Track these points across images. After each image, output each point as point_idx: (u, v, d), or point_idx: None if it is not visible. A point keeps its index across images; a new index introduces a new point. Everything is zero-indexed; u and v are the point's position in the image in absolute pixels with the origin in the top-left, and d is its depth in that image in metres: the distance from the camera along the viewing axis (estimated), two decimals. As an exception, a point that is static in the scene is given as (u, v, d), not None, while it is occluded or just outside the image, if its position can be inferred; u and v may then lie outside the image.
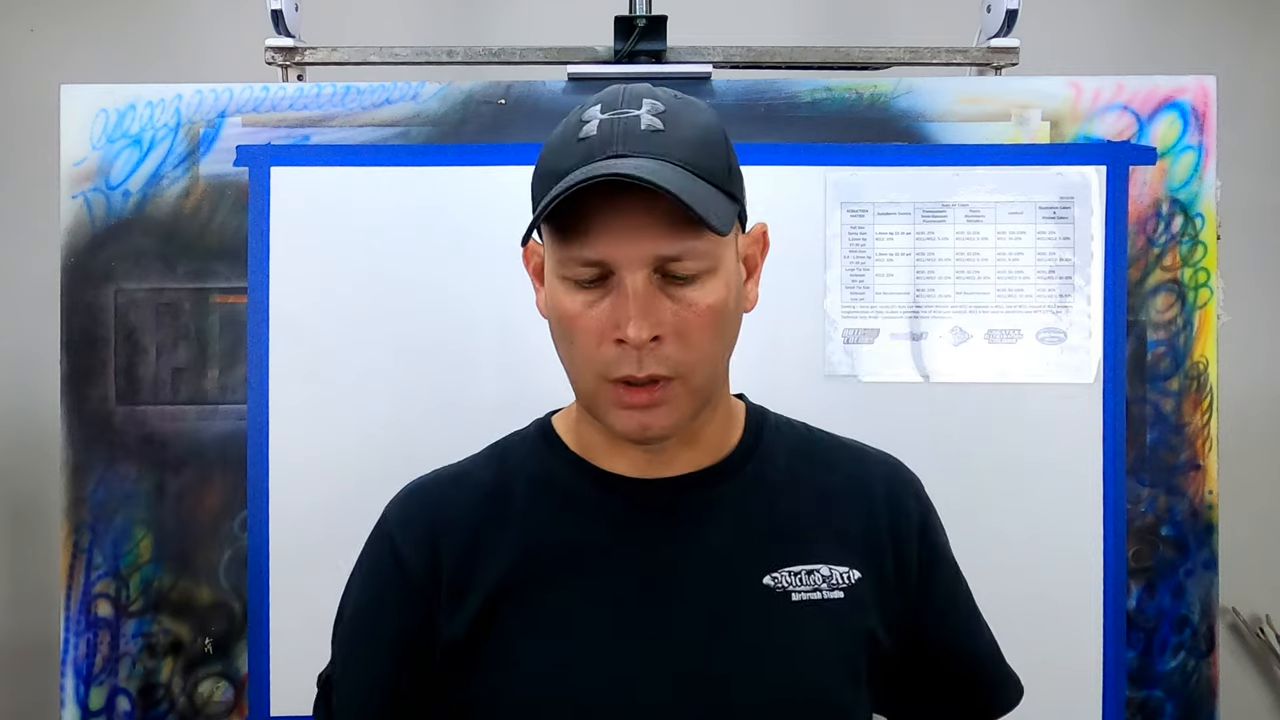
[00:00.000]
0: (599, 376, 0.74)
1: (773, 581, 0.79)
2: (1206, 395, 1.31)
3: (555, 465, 0.84)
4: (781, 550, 0.80)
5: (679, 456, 0.81)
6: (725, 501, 0.81)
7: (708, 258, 0.74)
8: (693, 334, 0.74)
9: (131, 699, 1.31)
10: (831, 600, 0.79)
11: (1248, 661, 1.88)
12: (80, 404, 1.32)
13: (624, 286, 0.72)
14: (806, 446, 0.87)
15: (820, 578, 0.80)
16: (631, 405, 0.74)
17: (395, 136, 1.33)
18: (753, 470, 0.83)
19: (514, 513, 0.82)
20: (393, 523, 0.84)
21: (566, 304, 0.75)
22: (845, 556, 0.81)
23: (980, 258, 1.32)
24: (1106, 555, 1.29)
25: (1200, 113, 1.32)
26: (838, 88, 1.34)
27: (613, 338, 0.73)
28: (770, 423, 0.88)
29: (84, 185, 1.33)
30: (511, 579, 0.79)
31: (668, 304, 0.73)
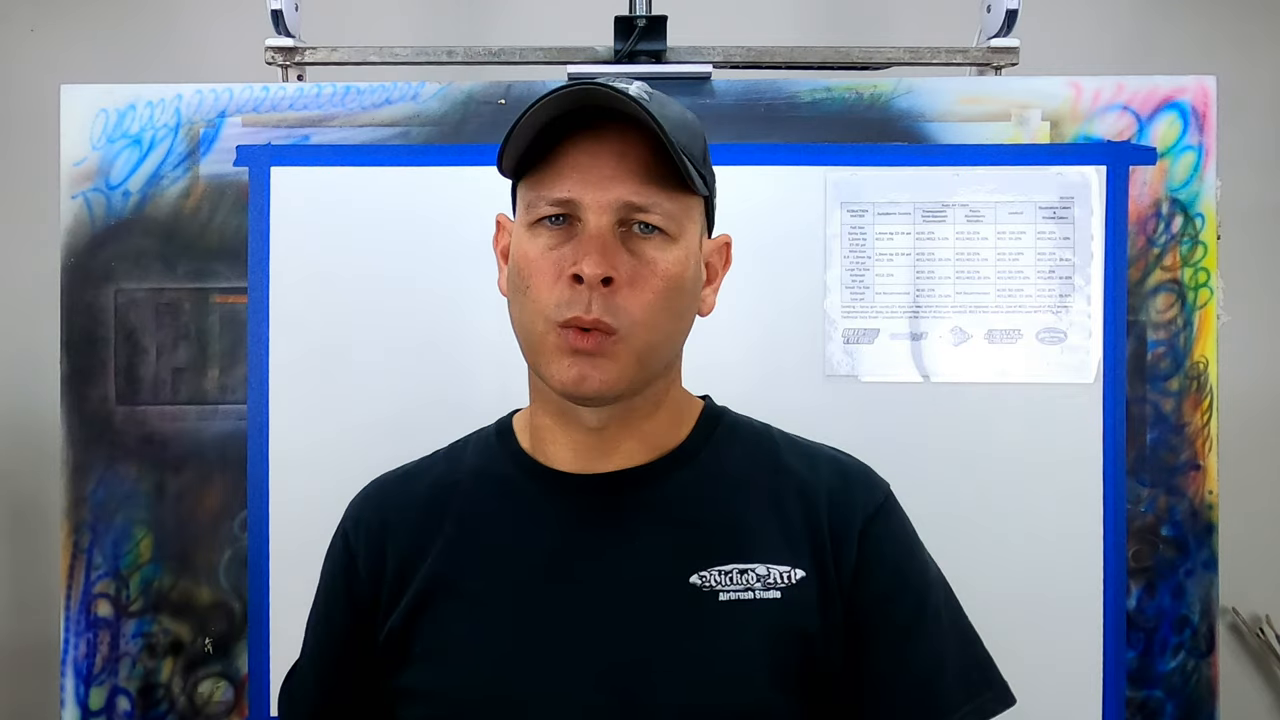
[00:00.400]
0: (548, 320, 0.75)
1: (699, 580, 0.78)
2: (1206, 395, 1.31)
3: (501, 461, 0.86)
4: (715, 550, 0.79)
5: (618, 451, 0.81)
6: (660, 499, 0.81)
7: (673, 221, 0.77)
8: (645, 291, 0.75)
9: (131, 699, 1.31)
10: (765, 600, 0.78)
11: (1248, 661, 1.88)
12: (80, 404, 1.32)
13: (588, 228, 0.75)
14: (761, 448, 0.86)
15: (755, 577, 0.79)
16: (575, 349, 0.74)
17: (395, 136, 1.33)
18: (695, 468, 0.83)
19: (455, 508, 0.84)
20: (348, 516, 0.88)
21: (528, 249, 0.77)
22: (789, 555, 0.80)
23: (980, 258, 1.32)
24: (1106, 555, 1.29)
25: (1200, 113, 1.32)
26: (838, 88, 1.34)
27: (569, 274, 0.74)
28: (726, 422, 0.87)
29: (84, 185, 1.33)
30: (444, 573, 0.81)
31: (626, 256, 0.75)
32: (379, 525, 0.85)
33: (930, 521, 1.33)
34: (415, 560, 0.82)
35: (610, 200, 0.75)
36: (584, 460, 0.82)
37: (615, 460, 0.82)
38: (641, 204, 0.75)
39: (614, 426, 0.81)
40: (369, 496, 0.89)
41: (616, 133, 0.76)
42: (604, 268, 0.73)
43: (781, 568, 0.79)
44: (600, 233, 0.74)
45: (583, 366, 0.74)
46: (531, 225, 0.77)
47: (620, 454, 0.82)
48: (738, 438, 0.86)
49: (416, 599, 0.81)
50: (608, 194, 0.75)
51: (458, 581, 0.80)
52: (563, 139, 0.76)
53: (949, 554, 1.31)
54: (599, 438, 0.81)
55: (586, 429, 0.81)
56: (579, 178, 0.75)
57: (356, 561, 0.85)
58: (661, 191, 0.76)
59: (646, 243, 0.76)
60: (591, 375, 0.75)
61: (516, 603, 0.79)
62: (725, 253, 0.87)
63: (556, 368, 0.75)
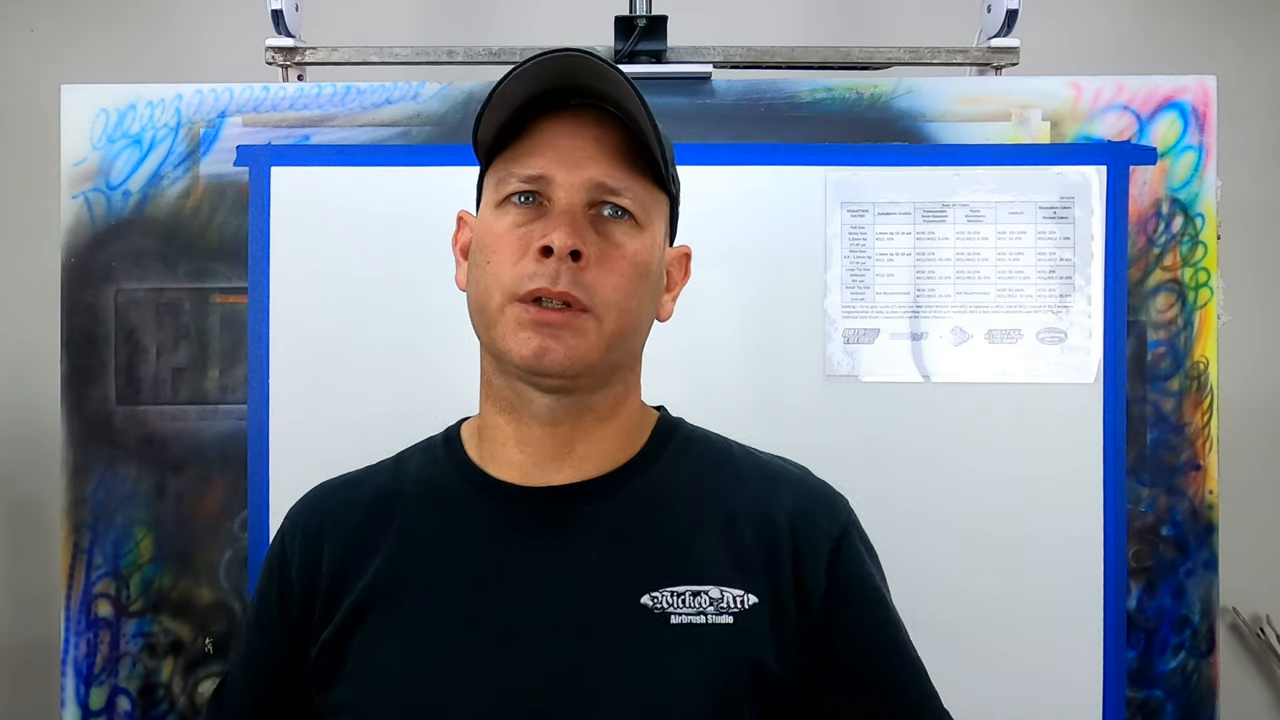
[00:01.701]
0: (509, 294, 0.73)
1: (651, 601, 0.74)
2: (1206, 395, 1.31)
3: (445, 470, 0.82)
4: (667, 569, 0.75)
5: (570, 457, 0.78)
6: (611, 514, 0.77)
7: (643, 209, 0.76)
8: (613, 273, 0.74)
9: (132, 699, 1.31)
10: (717, 625, 0.74)
11: (1248, 661, 1.88)
12: (80, 404, 1.32)
13: (558, 204, 0.74)
14: (718, 462, 0.83)
15: (708, 599, 0.75)
16: (539, 323, 0.72)
17: (395, 136, 1.33)
18: (645, 484, 0.79)
19: (395, 518, 0.80)
20: (287, 523, 0.85)
21: (494, 225, 0.76)
22: (741, 580, 0.76)
23: (980, 258, 1.32)
24: (1106, 555, 1.29)
25: (1200, 112, 1.32)
26: (838, 88, 1.34)
27: (536, 248, 0.72)
28: (680, 436, 0.84)
29: (84, 185, 1.33)
30: (379, 585, 0.77)
31: (595, 236, 0.74)
32: (315, 533, 0.82)
33: (930, 521, 1.33)
34: (351, 572, 0.78)
35: (584, 179, 0.74)
36: (533, 467, 0.79)
37: (566, 470, 0.78)
38: (614, 186, 0.75)
39: (568, 424, 0.78)
40: (309, 503, 0.86)
41: (593, 115, 0.75)
42: (574, 240, 0.72)
43: (734, 591, 0.75)
44: (571, 209, 0.74)
45: (544, 338, 0.72)
46: (500, 203, 0.76)
47: (572, 460, 0.78)
48: (692, 452, 0.83)
49: (351, 613, 0.77)
50: (582, 173, 0.74)
51: (394, 596, 0.76)
52: (537, 118, 0.76)
53: (949, 554, 1.31)
54: (551, 437, 0.78)
55: (540, 424, 0.77)
56: (554, 156, 0.74)
57: (290, 568, 0.81)
58: (634, 178, 0.76)
59: (615, 226, 0.75)
60: (554, 347, 0.72)
61: (454, 621, 0.75)
62: (685, 264, 0.85)
63: (514, 341, 0.73)
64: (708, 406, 0.93)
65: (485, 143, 0.78)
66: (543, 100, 0.75)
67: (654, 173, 0.77)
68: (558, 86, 0.75)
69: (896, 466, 1.29)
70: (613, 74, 0.73)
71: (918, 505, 1.29)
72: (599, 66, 0.73)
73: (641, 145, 0.76)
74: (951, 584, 0.93)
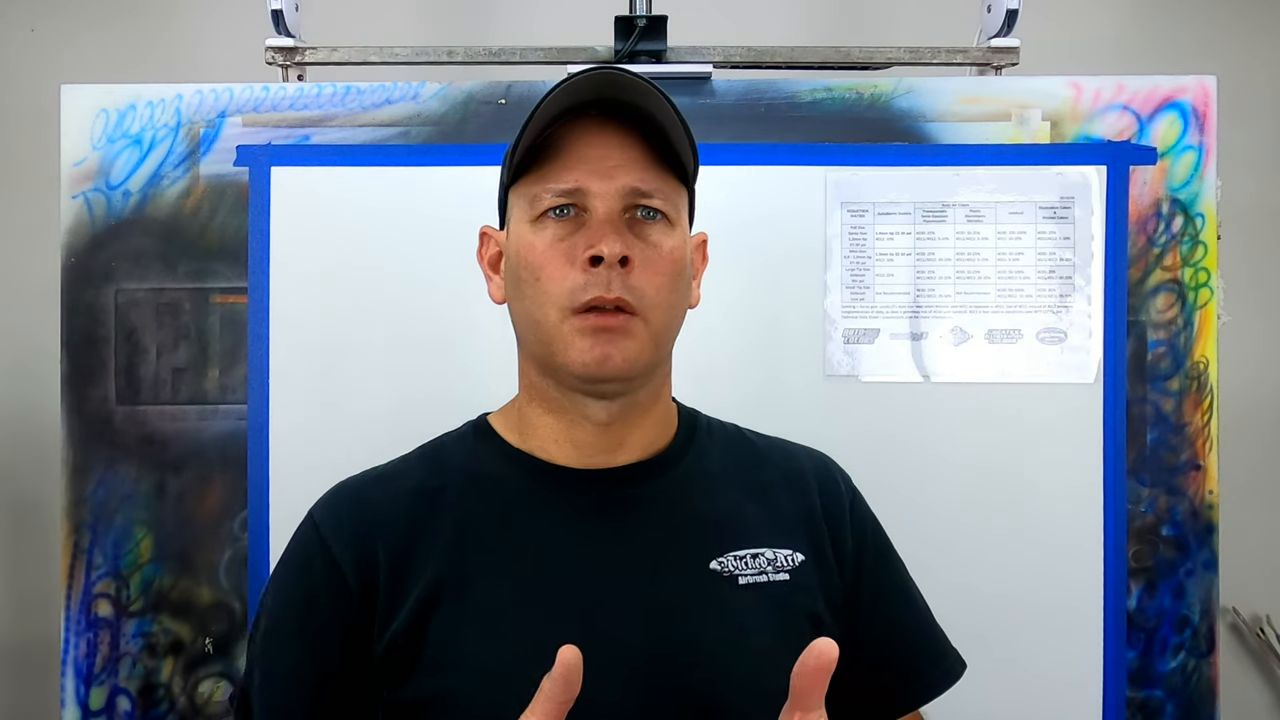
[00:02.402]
0: (563, 309, 0.76)
1: (719, 566, 0.80)
2: (1207, 395, 1.31)
3: (492, 461, 0.84)
4: (724, 537, 0.81)
5: (618, 448, 0.82)
6: (664, 494, 0.82)
7: (672, 205, 0.79)
8: (657, 273, 0.77)
9: (132, 699, 1.31)
10: (777, 583, 0.80)
11: (1248, 661, 1.88)
12: (80, 404, 1.32)
13: (597, 214, 0.77)
14: (738, 445, 0.89)
15: (765, 561, 0.81)
16: (597, 329, 0.75)
17: (395, 136, 1.33)
18: (689, 464, 0.85)
19: (449, 511, 0.81)
20: (321, 522, 0.81)
21: (534, 241, 0.78)
22: (786, 541, 0.83)
23: (980, 258, 1.32)
24: (1106, 555, 1.29)
25: (1200, 112, 1.32)
26: (838, 88, 1.34)
27: (585, 258, 0.75)
28: (702, 422, 0.90)
29: (84, 185, 1.33)
30: (448, 576, 0.78)
31: (635, 240, 0.77)
32: (366, 531, 0.80)
33: (930, 521, 1.33)
34: (411, 566, 0.78)
35: (618, 187, 0.77)
36: (586, 458, 0.82)
37: (618, 457, 0.82)
38: (647, 189, 0.77)
39: (619, 423, 0.81)
40: (339, 499, 0.84)
41: (615, 123, 0.78)
42: (621, 247, 0.75)
43: (784, 551, 0.82)
44: (610, 216, 0.76)
45: (604, 346, 0.75)
46: (535, 220, 0.78)
47: (623, 451, 0.82)
48: (715, 436, 0.89)
49: (419, 606, 0.77)
50: (615, 181, 0.77)
51: (462, 585, 0.77)
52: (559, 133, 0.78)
53: (949, 553, 1.31)
54: (605, 434, 0.81)
55: (594, 425, 0.81)
56: (585, 168, 0.77)
57: (342, 570, 0.79)
58: (663, 178, 0.79)
59: (651, 227, 0.78)
60: (614, 354, 0.75)
61: (533, 600, 0.77)
62: (703, 250, 0.89)
63: (576, 351, 0.76)
64: (708, 406, 0.93)
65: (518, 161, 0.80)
66: (564, 116, 0.78)
67: (677, 169, 0.80)
68: (580, 101, 0.77)
69: (896, 466, 1.29)
70: (632, 80, 0.76)
71: (917, 505, 1.29)
72: (620, 76, 0.76)
73: (664, 145, 0.78)
74: (951, 584, 0.93)
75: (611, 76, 0.76)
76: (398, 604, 0.78)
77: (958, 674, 0.89)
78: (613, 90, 0.77)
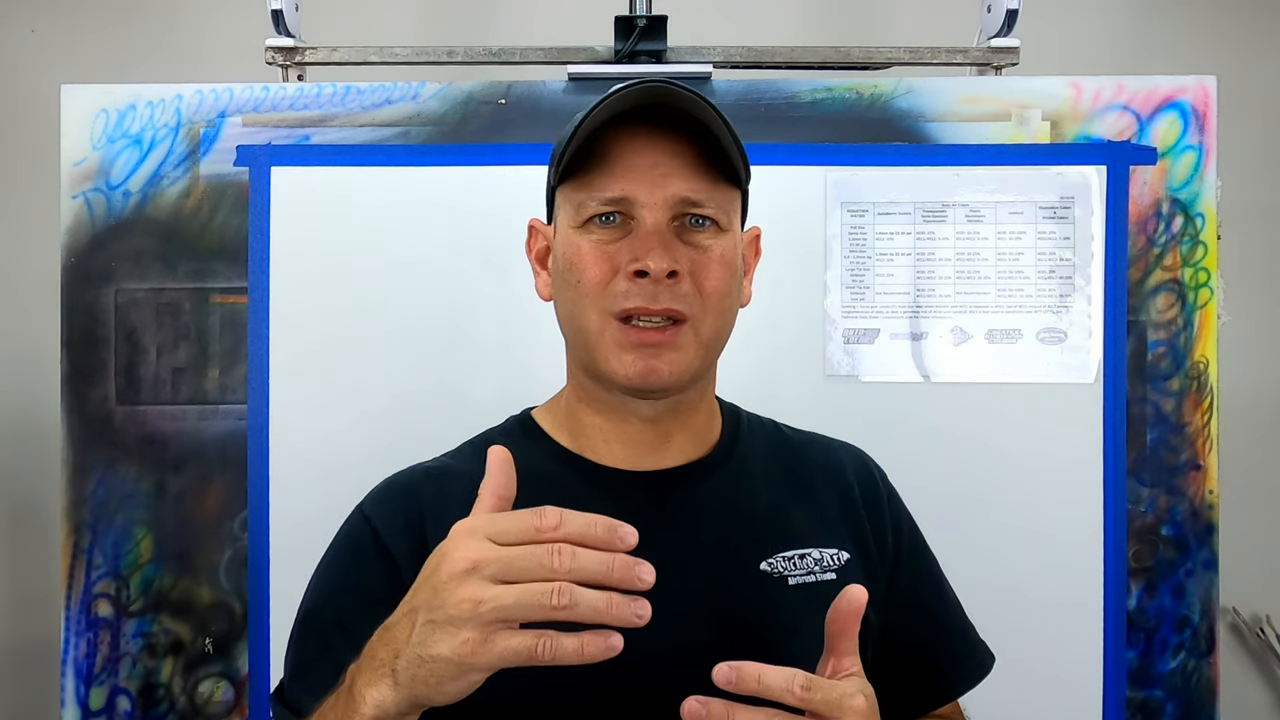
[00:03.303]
0: (606, 313, 0.76)
1: (769, 567, 0.80)
2: (1206, 395, 1.31)
3: (541, 459, 0.83)
4: (772, 537, 0.81)
5: (668, 448, 0.82)
6: (714, 493, 0.82)
7: (722, 211, 0.78)
8: (707, 279, 0.77)
9: (132, 699, 1.31)
10: (825, 582, 0.80)
11: (1248, 661, 1.88)
12: (80, 404, 1.32)
13: (644, 224, 0.75)
14: (778, 441, 0.89)
15: (812, 561, 0.81)
16: (641, 344, 0.75)
17: (395, 136, 1.33)
18: (736, 462, 0.85)
19: None
20: (373, 514, 0.81)
21: (580, 245, 0.77)
22: (831, 539, 0.83)
23: (980, 258, 1.32)
24: (1106, 555, 1.29)
25: (1200, 113, 1.32)
26: (838, 88, 1.34)
27: (630, 270, 0.75)
28: (744, 418, 0.90)
29: (84, 185, 1.33)
30: None
31: (683, 248, 0.76)
32: (418, 520, 0.79)
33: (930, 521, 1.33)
34: None
35: (667, 197, 0.76)
36: (637, 457, 0.82)
37: (669, 456, 0.82)
38: (696, 199, 0.76)
39: (667, 419, 0.81)
40: (391, 491, 0.83)
41: (666, 129, 0.77)
42: (669, 262, 0.74)
43: (829, 550, 0.82)
44: (659, 228, 0.75)
45: (650, 360, 0.75)
46: (582, 225, 0.78)
47: (673, 448, 0.82)
48: (757, 433, 0.89)
49: None
50: (664, 190, 0.76)
51: None
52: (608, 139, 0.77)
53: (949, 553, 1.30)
54: (654, 431, 0.81)
55: (641, 421, 0.81)
56: (632, 176, 0.76)
57: (397, 560, 0.77)
58: (713, 185, 0.77)
59: (700, 234, 0.77)
60: (659, 368, 0.75)
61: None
62: (756, 244, 0.89)
63: (618, 363, 0.76)
64: (708, 406, 0.93)
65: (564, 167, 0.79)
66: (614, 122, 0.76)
67: (728, 173, 0.79)
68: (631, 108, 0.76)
69: (896, 466, 1.28)
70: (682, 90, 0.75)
71: (918, 505, 1.28)
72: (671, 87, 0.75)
73: (716, 150, 0.77)
74: (951, 583, 0.93)
75: (664, 87, 0.75)
76: None
77: (989, 667, 0.90)
78: (664, 98, 0.76)
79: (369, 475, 0.90)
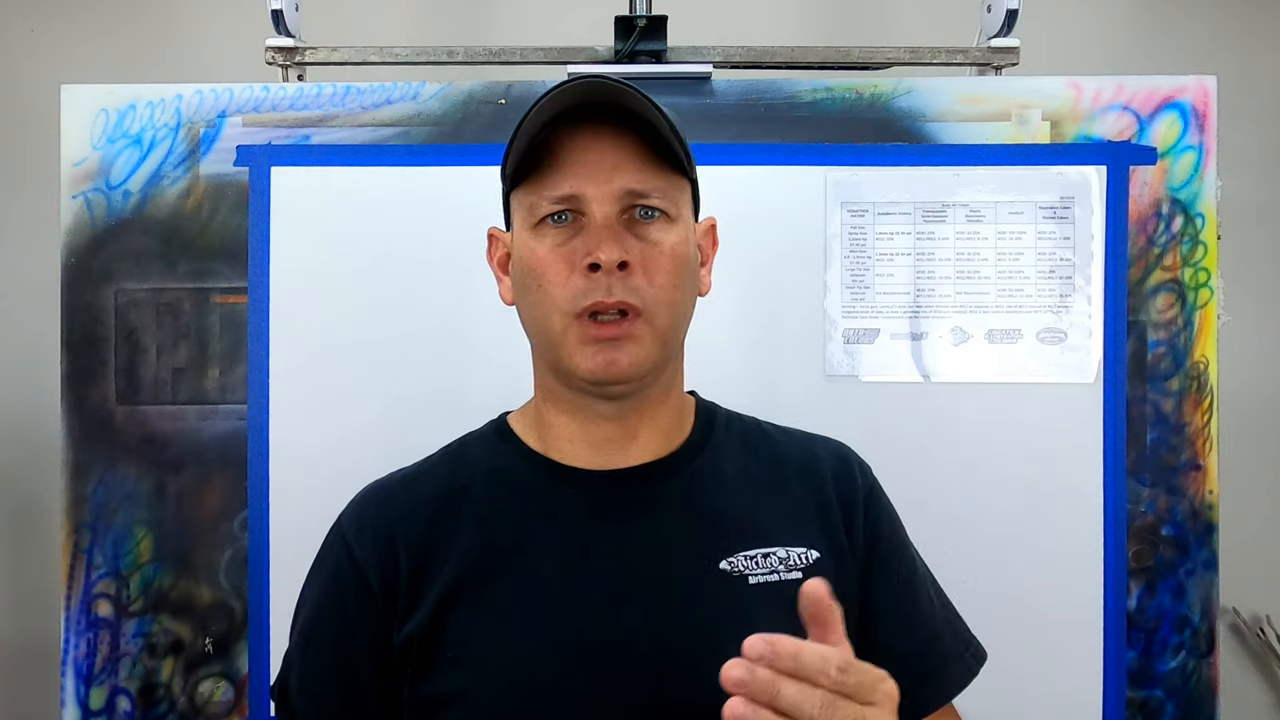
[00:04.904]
0: (566, 314, 0.77)
1: (729, 566, 0.80)
2: (1206, 395, 1.31)
3: (510, 460, 0.85)
4: (736, 536, 0.81)
5: (633, 447, 0.83)
6: (678, 492, 0.83)
7: (671, 201, 0.80)
8: (658, 271, 0.78)
9: (132, 699, 1.31)
10: (790, 581, 0.80)
11: (1248, 661, 1.88)
12: (80, 404, 1.32)
13: (594, 219, 0.77)
14: (756, 439, 0.90)
15: (777, 559, 0.81)
16: (599, 338, 0.77)
17: (395, 136, 1.33)
18: (705, 461, 0.85)
19: (470, 509, 0.83)
20: (347, 526, 0.85)
21: (535, 249, 0.79)
22: (802, 538, 0.83)
23: (980, 258, 1.32)
24: (1106, 555, 1.29)
25: (1200, 113, 1.32)
26: (838, 88, 1.34)
27: (584, 265, 0.76)
28: (720, 417, 0.90)
29: (84, 185, 1.33)
30: (466, 575, 0.79)
31: (634, 240, 0.78)
32: (386, 534, 0.82)
33: (930, 521, 1.33)
34: (430, 566, 0.80)
35: (614, 190, 0.77)
36: (602, 456, 0.83)
37: (633, 454, 0.83)
38: (643, 190, 0.78)
39: (633, 417, 0.82)
40: (365, 500, 0.86)
41: (609, 125, 0.78)
42: (619, 253, 0.76)
43: (798, 549, 0.82)
44: (608, 221, 0.77)
45: (608, 352, 0.77)
46: (535, 226, 0.79)
47: (638, 446, 0.83)
48: (733, 429, 0.89)
49: (439, 604, 0.79)
50: (611, 184, 0.77)
51: (482, 583, 0.79)
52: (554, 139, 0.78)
53: (949, 553, 1.31)
54: (619, 429, 0.82)
55: (606, 420, 0.82)
56: (581, 172, 0.77)
57: (366, 574, 0.81)
58: (659, 175, 0.79)
59: (650, 226, 0.79)
60: (618, 359, 0.77)
61: (548, 598, 0.78)
62: (713, 234, 0.90)
63: (581, 358, 0.77)
64: (708, 406, 0.93)
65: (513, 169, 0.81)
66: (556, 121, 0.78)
67: (674, 163, 0.80)
68: (570, 106, 0.78)
69: (896, 466, 1.28)
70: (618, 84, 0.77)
71: (918, 505, 1.28)
72: (606, 82, 0.77)
73: (659, 141, 0.79)
74: (950, 583, 0.93)
75: (598, 82, 0.77)
76: (417, 602, 0.80)
77: (976, 669, 0.89)
78: (601, 95, 0.77)
79: (369, 475, 0.90)
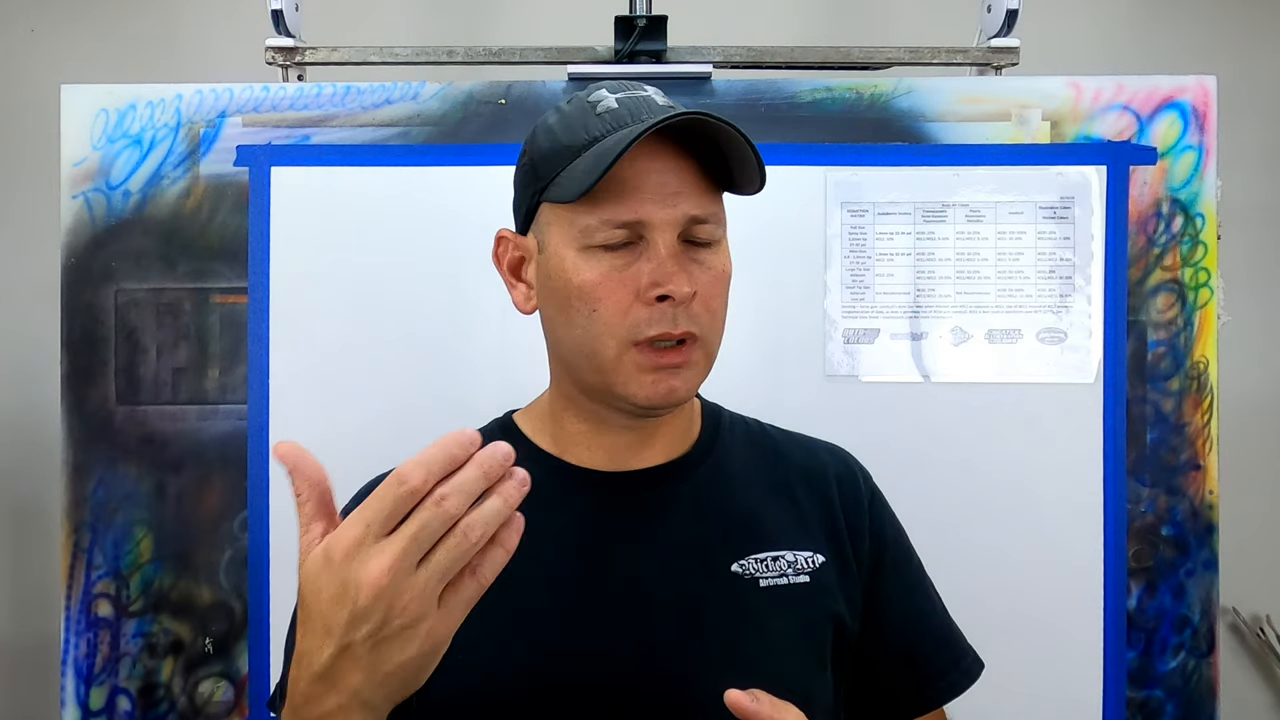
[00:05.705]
0: (624, 342, 0.75)
1: (740, 569, 0.80)
2: (1206, 395, 1.31)
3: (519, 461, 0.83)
4: (746, 539, 0.81)
5: (645, 449, 0.83)
6: (690, 494, 0.82)
7: (722, 224, 0.78)
8: (714, 298, 0.77)
9: (132, 699, 1.31)
10: (798, 585, 0.81)
11: (1248, 661, 1.88)
12: (80, 404, 1.32)
13: (658, 247, 0.74)
14: (760, 441, 0.89)
15: (785, 563, 0.81)
16: (661, 367, 0.75)
17: (395, 136, 1.33)
18: (714, 463, 0.85)
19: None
20: None
21: (588, 273, 0.75)
22: (807, 542, 0.83)
23: (980, 258, 1.32)
24: (1106, 555, 1.29)
25: (1200, 113, 1.32)
26: (838, 88, 1.34)
27: (651, 296, 0.74)
28: (725, 418, 0.90)
29: (84, 185, 1.33)
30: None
31: (696, 268, 0.76)
32: None
33: (930, 521, 1.33)
34: None
35: (678, 216, 0.74)
36: (617, 460, 0.82)
37: (644, 460, 0.83)
38: (703, 215, 0.76)
39: (651, 424, 0.82)
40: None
41: (670, 147, 0.75)
42: (690, 285, 0.74)
43: (804, 553, 0.82)
44: (673, 251, 0.74)
45: (669, 380, 0.76)
46: (586, 249, 0.75)
47: (652, 451, 0.83)
48: (738, 433, 0.89)
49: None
50: (675, 210, 0.74)
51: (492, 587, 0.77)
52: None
53: (949, 553, 1.31)
54: (637, 436, 0.82)
55: (625, 430, 0.82)
56: (644, 197, 0.74)
57: None
58: (714, 200, 0.77)
59: (705, 251, 0.77)
60: (677, 387, 0.76)
61: (556, 594, 0.78)
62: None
63: (637, 385, 0.75)
64: (708, 406, 0.93)
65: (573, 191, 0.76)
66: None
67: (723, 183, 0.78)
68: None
69: (896, 466, 1.28)
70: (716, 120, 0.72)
71: (918, 505, 1.28)
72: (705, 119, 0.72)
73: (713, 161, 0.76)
74: (950, 583, 0.93)
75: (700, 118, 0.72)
76: None
77: (975, 674, 0.89)
78: (688, 124, 0.73)
79: (369, 475, 0.90)
